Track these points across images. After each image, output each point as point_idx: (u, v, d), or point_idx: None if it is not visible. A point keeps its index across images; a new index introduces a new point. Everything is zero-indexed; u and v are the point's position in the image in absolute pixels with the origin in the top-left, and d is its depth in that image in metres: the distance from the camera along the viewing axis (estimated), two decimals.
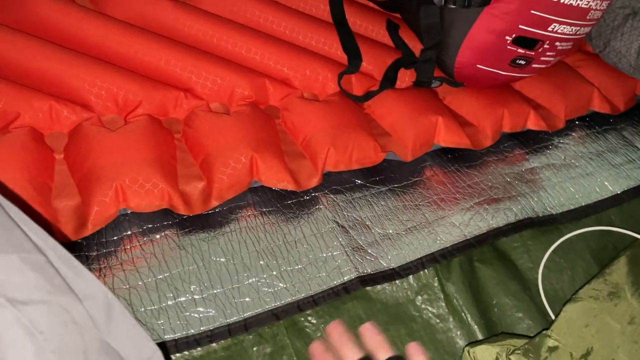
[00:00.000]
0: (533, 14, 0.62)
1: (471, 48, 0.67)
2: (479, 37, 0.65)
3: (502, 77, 0.72)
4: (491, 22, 0.64)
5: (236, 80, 0.67)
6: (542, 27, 0.64)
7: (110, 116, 0.62)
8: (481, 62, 0.69)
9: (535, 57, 0.70)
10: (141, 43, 0.66)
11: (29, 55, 0.60)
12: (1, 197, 0.29)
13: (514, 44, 0.66)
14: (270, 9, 0.75)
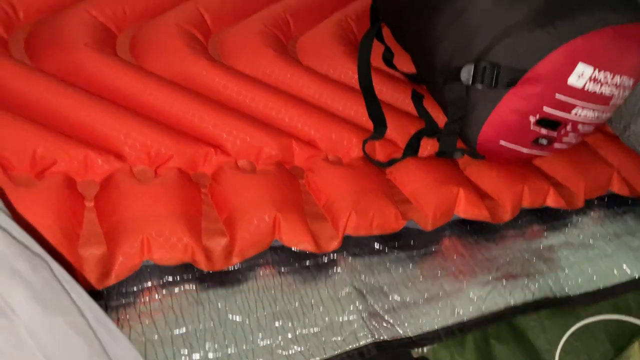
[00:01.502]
0: (557, 98, 0.65)
1: (495, 125, 0.69)
2: (503, 115, 0.67)
3: (524, 154, 0.74)
4: (516, 103, 0.66)
5: (264, 139, 0.69)
6: (565, 110, 0.66)
7: (141, 167, 0.64)
8: (504, 139, 0.70)
9: (557, 138, 0.71)
10: (177, 99, 0.69)
11: (69, 103, 0.63)
12: (48, 256, 0.30)
13: (537, 124, 0.68)
14: (301, 74, 0.78)
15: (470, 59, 0.67)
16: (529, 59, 0.63)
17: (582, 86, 0.64)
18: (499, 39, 0.65)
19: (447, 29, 0.71)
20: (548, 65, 0.62)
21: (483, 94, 0.67)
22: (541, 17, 0.63)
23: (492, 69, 0.64)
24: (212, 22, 0.83)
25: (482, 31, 0.66)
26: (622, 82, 0.66)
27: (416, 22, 0.77)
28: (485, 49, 0.66)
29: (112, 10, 0.75)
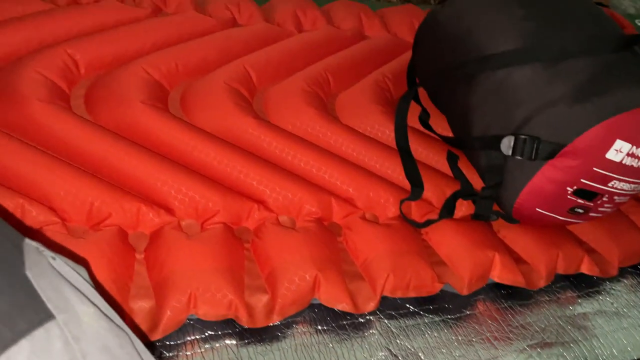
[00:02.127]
0: (595, 171, 0.66)
1: (531, 193, 0.70)
2: (541, 184, 0.69)
3: (559, 221, 0.75)
4: (554, 173, 0.67)
5: (305, 197, 0.72)
6: (603, 183, 0.68)
7: (189, 221, 0.67)
8: (540, 207, 0.72)
9: (593, 208, 0.72)
10: (225, 155, 0.72)
11: (125, 158, 0.66)
12: (127, 327, 0.32)
13: (574, 194, 0.69)
14: (340, 132, 0.81)
15: (509, 130, 0.69)
16: (568, 134, 0.65)
17: (619, 160, 0.65)
18: (539, 111, 0.67)
19: (486, 98, 0.73)
20: (586, 141, 0.64)
21: (521, 163, 0.69)
22: (581, 93, 0.65)
23: (532, 142, 0.66)
24: (257, 79, 0.87)
25: (522, 103, 0.68)
26: None
27: (453, 88, 0.80)
28: (524, 120, 0.68)
29: (166, 67, 0.80)
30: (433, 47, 0.84)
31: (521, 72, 0.70)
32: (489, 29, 0.74)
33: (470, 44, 0.76)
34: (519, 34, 0.71)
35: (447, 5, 0.82)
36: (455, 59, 0.78)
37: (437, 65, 0.84)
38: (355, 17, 1.08)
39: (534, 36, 0.70)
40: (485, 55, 0.73)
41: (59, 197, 0.61)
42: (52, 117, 0.67)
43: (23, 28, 0.76)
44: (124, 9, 0.86)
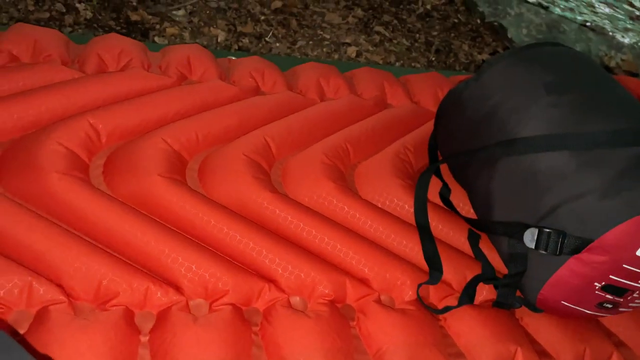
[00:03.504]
0: (625, 267, 0.62)
1: (557, 285, 0.67)
2: (566, 278, 0.65)
3: (586, 314, 0.70)
4: (580, 268, 0.64)
5: (319, 277, 0.69)
6: (633, 279, 0.64)
7: (197, 301, 0.65)
8: (566, 300, 0.68)
9: (623, 303, 0.68)
10: (239, 230, 0.70)
11: (138, 233, 0.66)
12: None
13: (602, 290, 0.65)
14: (358, 207, 0.79)
15: (533, 218, 0.66)
16: (596, 228, 0.62)
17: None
18: (566, 202, 0.64)
19: (510, 182, 0.71)
20: (615, 237, 0.61)
21: (545, 255, 0.66)
22: (611, 186, 0.62)
23: (557, 236, 0.63)
24: (276, 150, 0.86)
25: (548, 192, 0.66)
26: None
27: (476, 169, 0.78)
28: (549, 210, 0.65)
29: (185, 137, 0.80)
30: (456, 124, 0.83)
31: (549, 159, 0.67)
32: (517, 112, 0.73)
33: (496, 125, 0.74)
34: (547, 119, 0.69)
35: (472, 83, 0.81)
36: (479, 140, 0.76)
37: (460, 144, 0.82)
38: (378, 85, 1.08)
39: (564, 123, 0.68)
40: (512, 139, 0.72)
41: (68, 274, 0.60)
42: (68, 190, 0.67)
43: (49, 97, 0.77)
44: (150, 78, 0.87)
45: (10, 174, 0.68)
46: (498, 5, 1.53)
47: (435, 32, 1.33)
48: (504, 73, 0.78)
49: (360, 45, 1.23)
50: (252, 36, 1.16)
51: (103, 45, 0.90)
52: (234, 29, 1.16)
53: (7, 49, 0.83)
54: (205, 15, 1.15)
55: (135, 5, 1.10)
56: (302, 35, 1.20)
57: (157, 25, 1.08)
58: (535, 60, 0.78)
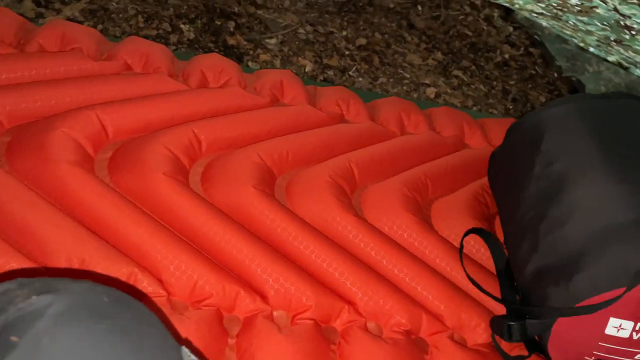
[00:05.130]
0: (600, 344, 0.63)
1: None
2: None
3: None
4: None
5: (396, 307, 0.70)
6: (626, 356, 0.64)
7: (280, 312, 0.67)
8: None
9: None
10: (323, 250, 0.73)
11: (233, 241, 0.69)
12: None
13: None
14: (436, 242, 0.81)
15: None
16: None
17: (628, 336, 0.63)
18: None
19: None
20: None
21: None
22: None
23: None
24: (359, 176, 0.89)
25: None
26: None
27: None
28: None
29: (278, 154, 0.84)
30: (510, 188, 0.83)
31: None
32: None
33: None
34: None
35: (533, 148, 0.80)
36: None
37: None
38: (456, 125, 1.10)
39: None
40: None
41: (169, 271, 0.63)
42: (172, 191, 0.71)
43: (158, 105, 0.83)
44: (247, 97, 0.93)
45: (121, 170, 0.73)
46: (576, 61, 1.53)
47: (513, 82, 1.35)
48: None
49: (439, 86, 1.26)
50: (337, 69, 1.21)
51: (206, 62, 0.97)
52: (320, 60, 1.21)
53: (123, 59, 0.90)
54: (294, 45, 1.21)
55: (233, 31, 1.17)
56: (383, 73, 1.24)
57: (250, 51, 1.15)
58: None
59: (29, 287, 0.28)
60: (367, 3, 1.41)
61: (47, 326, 0.25)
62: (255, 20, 1.22)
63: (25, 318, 0.26)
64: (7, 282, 0.29)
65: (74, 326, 0.26)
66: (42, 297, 0.27)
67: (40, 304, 0.27)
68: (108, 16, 1.07)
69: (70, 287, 0.28)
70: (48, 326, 0.25)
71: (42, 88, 0.77)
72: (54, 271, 0.58)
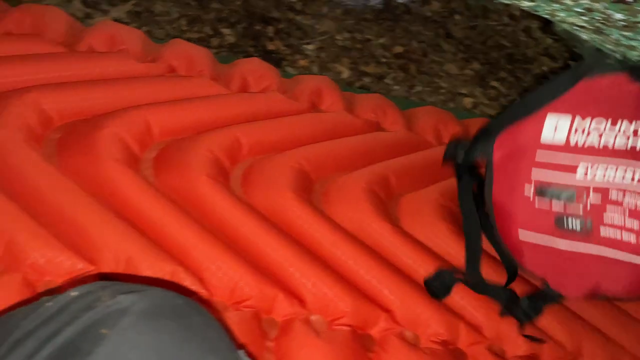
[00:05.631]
0: (539, 156, 0.59)
1: (501, 213, 0.65)
2: (501, 191, 0.64)
3: (563, 252, 0.63)
4: (502, 171, 0.62)
5: (434, 316, 0.70)
6: (565, 170, 0.59)
7: (317, 316, 0.68)
8: (522, 225, 0.64)
9: (592, 216, 0.60)
10: (360, 256, 0.73)
11: (272, 244, 0.69)
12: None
13: (539, 195, 0.60)
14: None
15: None
16: None
17: (565, 139, 0.58)
18: None
19: None
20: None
21: None
22: None
23: None
24: (395, 185, 0.89)
25: None
26: (637, 129, 0.58)
27: None
28: None
29: (316, 160, 0.84)
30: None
31: None
32: None
33: None
34: None
35: None
36: None
37: None
38: None
39: None
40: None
41: (210, 271, 0.64)
42: (215, 193, 0.72)
43: (202, 108, 0.84)
44: (286, 102, 0.94)
45: (166, 170, 0.74)
46: None
47: None
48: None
49: (476, 97, 1.25)
50: (374, 76, 1.21)
51: (247, 67, 0.98)
52: (357, 67, 1.22)
53: (168, 61, 0.92)
54: (332, 52, 1.22)
55: (272, 36, 1.18)
56: (420, 81, 1.24)
57: (289, 56, 1.16)
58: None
59: (110, 288, 0.31)
60: (405, 11, 1.41)
61: (132, 321, 0.28)
62: (293, 26, 1.23)
63: (113, 314, 0.28)
64: (89, 284, 0.31)
65: (154, 322, 0.28)
66: (127, 296, 0.30)
67: (126, 303, 0.30)
68: (152, 18, 1.09)
69: (148, 289, 0.31)
70: (133, 321, 0.28)
71: (92, 87, 0.79)
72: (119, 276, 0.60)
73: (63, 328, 0.28)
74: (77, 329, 0.28)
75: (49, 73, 0.78)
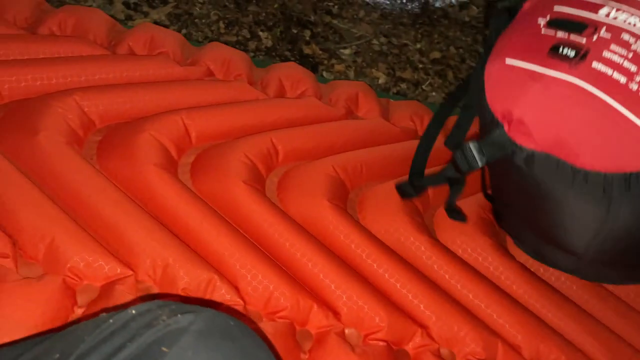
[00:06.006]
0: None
1: (500, 41, 0.58)
2: (511, 28, 0.58)
3: (538, 73, 0.55)
4: (524, 13, 0.56)
5: (471, 334, 0.68)
6: (588, 9, 0.53)
7: (352, 330, 0.67)
8: (510, 54, 0.56)
9: (592, 48, 0.53)
10: (395, 269, 0.71)
11: (309, 254, 0.68)
12: None
13: (549, 25, 0.54)
14: (513, 269, 0.78)
15: None
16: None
17: None
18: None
19: None
20: None
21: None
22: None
23: None
24: (432, 196, 0.87)
25: None
26: None
27: None
28: None
29: (352, 168, 0.83)
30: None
31: None
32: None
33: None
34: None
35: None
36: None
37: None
38: None
39: None
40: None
41: (246, 280, 0.64)
42: (251, 200, 0.71)
43: (240, 113, 0.84)
44: (323, 108, 0.93)
45: (203, 176, 0.74)
46: None
47: None
48: None
49: None
50: (410, 82, 1.19)
51: (284, 72, 0.97)
52: (393, 73, 1.20)
53: (206, 64, 0.92)
54: (368, 57, 1.21)
55: (309, 40, 1.17)
56: None
57: (325, 61, 1.15)
58: None
59: (168, 307, 0.31)
60: (442, 16, 1.39)
61: (190, 341, 0.29)
62: (330, 30, 1.22)
63: (173, 333, 0.29)
64: (147, 303, 0.31)
65: (210, 343, 0.29)
66: (186, 316, 0.31)
67: (184, 322, 0.30)
68: (192, 21, 1.10)
69: (203, 309, 0.31)
70: (191, 341, 0.29)
71: (133, 90, 0.79)
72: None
73: (125, 344, 0.29)
74: (139, 345, 0.29)
75: (91, 75, 0.79)
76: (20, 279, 0.55)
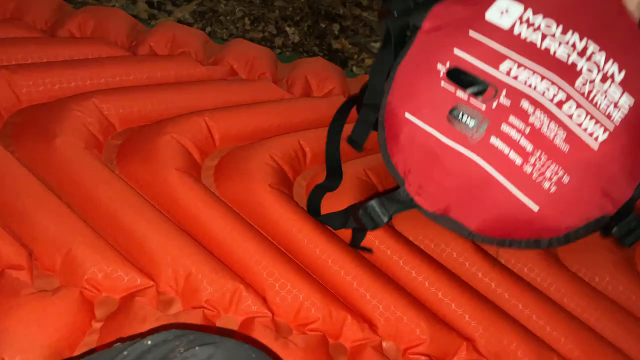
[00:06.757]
0: (471, 37, 0.50)
1: (400, 85, 0.54)
2: (410, 63, 0.54)
3: (446, 154, 0.52)
4: (423, 44, 0.53)
5: (524, 348, 0.62)
6: (488, 62, 0.50)
7: (390, 343, 0.61)
8: (410, 108, 0.53)
9: (491, 118, 0.50)
10: (436, 278, 0.66)
11: (341, 263, 0.63)
12: None
13: (449, 78, 0.50)
14: (565, 280, 0.71)
15: None
16: None
17: (509, 27, 0.50)
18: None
19: None
20: None
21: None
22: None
23: None
24: None
25: None
26: (586, 47, 0.50)
27: None
28: None
29: (384, 171, 0.78)
30: None
31: None
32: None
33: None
34: None
35: None
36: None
37: None
38: None
39: None
40: None
41: (273, 289, 0.59)
42: (278, 205, 0.67)
43: (265, 114, 0.80)
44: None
45: (227, 180, 0.70)
46: None
47: None
48: None
49: None
50: None
51: (311, 69, 0.93)
52: None
53: (229, 63, 0.89)
54: None
55: (337, 34, 1.12)
56: None
57: (355, 55, 1.10)
58: None
59: (186, 338, 0.29)
60: None
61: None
62: (360, 23, 1.16)
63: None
64: (164, 332, 0.28)
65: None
66: (204, 349, 0.28)
67: (203, 355, 0.28)
68: (216, 18, 1.06)
69: (223, 340, 0.27)
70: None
71: (154, 92, 0.76)
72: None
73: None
74: None
75: (110, 77, 0.76)
76: (34, 292, 0.52)
